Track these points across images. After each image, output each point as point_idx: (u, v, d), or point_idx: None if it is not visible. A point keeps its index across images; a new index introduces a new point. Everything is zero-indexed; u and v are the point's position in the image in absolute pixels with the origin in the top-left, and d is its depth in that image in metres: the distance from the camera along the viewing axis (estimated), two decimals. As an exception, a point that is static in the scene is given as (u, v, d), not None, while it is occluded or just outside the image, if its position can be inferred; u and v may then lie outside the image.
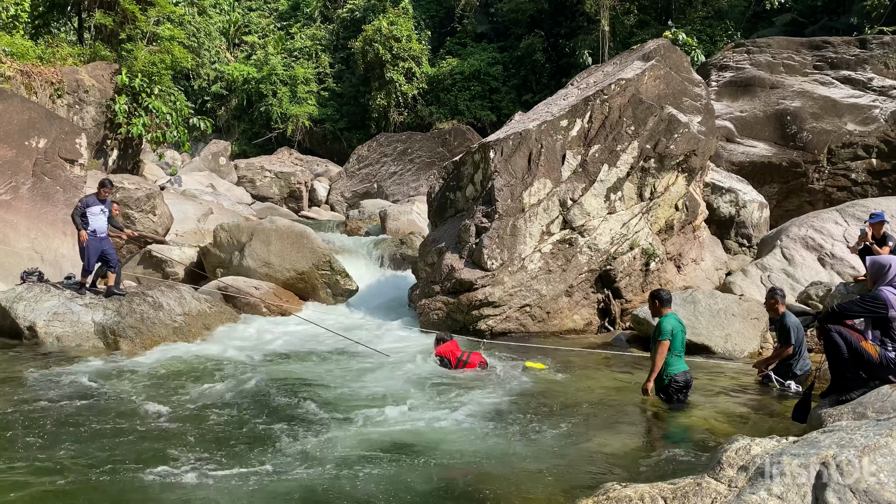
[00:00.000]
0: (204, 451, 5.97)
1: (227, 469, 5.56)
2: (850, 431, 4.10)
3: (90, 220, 11.17)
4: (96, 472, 5.48)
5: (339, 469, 5.60)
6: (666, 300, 7.67)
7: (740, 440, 4.31)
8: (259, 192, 28.81)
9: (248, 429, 6.67)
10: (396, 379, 8.76)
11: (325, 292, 14.15)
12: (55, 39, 24.12)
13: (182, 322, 11.24)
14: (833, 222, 13.58)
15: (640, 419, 7.32)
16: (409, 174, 27.97)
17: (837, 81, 18.01)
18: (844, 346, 5.97)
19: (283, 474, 5.49)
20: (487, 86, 36.03)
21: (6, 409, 7.15)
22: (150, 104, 22.44)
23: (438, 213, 13.80)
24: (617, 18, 31.90)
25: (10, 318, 10.68)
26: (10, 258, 13.28)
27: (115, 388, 8.12)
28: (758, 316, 10.76)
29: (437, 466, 5.73)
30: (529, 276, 11.81)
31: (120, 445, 6.12)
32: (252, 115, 38.90)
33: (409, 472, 5.59)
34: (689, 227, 13.55)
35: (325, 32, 41.45)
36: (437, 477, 5.52)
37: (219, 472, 5.50)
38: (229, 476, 5.43)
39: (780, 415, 7.20)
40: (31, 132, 14.37)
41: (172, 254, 15.07)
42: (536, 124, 12.44)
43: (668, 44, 14.54)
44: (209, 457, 5.84)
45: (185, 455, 5.85)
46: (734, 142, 17.87)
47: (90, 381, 8.34)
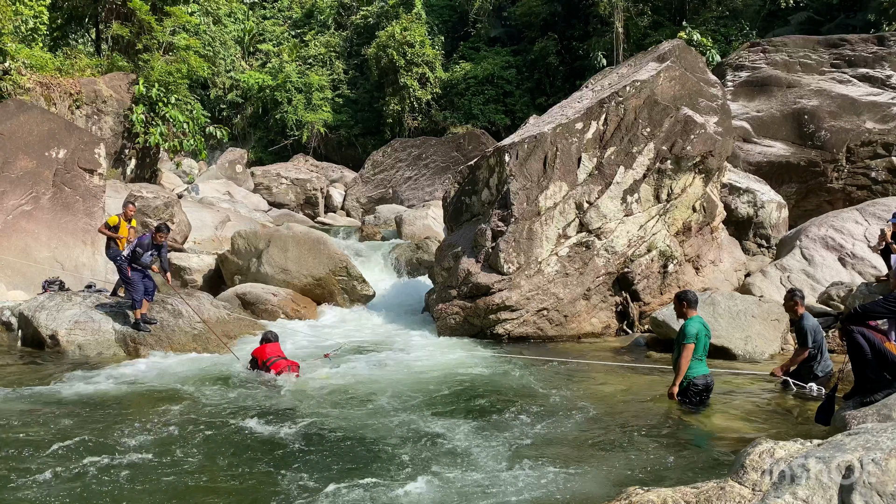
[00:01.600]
0: (215, 458, 6.01)
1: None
2: (876, 434, 4.05)
3: (140, 258, 10.81)
4: (114, 481, 5.53)
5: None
6: (693, 302, 7.59)
7: (763, 443, 4.26)
8: (275, 198, 28.98)
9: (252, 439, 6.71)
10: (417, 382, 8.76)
11: (342, 298, 14.21)
12: (73, 51, 24.44)
13: (201, 329, 11.32)
14: (853, 221, 13.43)
15: (661, 422, 7.27)
16: (424, 179, 28.00)
17: (855, 79, 17.83)
18: (868, 347, 5.90)
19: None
20: (501, 89, 36.01)
21: (28, 414, 7.23)
22: (167, 113, 22.67)
23: (454, 218, 13.81)
24: (631, 20, 31.77)
25: (32, 327, 10.80)
26: (32, 268, 13.46)
27: (134, 396, 8.19)
28: (778, 317, 10.65)
29: (457, 470, 5.73)
30: (546, 279, 11.78)
31: (140, 450, 6.17)
32: (267, 122, 39.14)
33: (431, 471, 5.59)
34: (707, 228, 13.46)
35: (338, 39, 41.64)
36: (460, 483, 5.52)
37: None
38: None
39: (803, 417, 7.12)
40: (51, 143, 14.55)
41: (191, 261, 15.18)
42: (551, 127, 12.42)
43: (683, 44, 14.47)
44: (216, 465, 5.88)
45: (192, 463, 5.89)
46: (751, 142, 17.74)
47: (112, 388, 8.42)
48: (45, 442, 6.39)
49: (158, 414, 7.38)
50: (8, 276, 13.29)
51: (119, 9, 24.29)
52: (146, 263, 10.80)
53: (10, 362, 10.10)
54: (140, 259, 10.74)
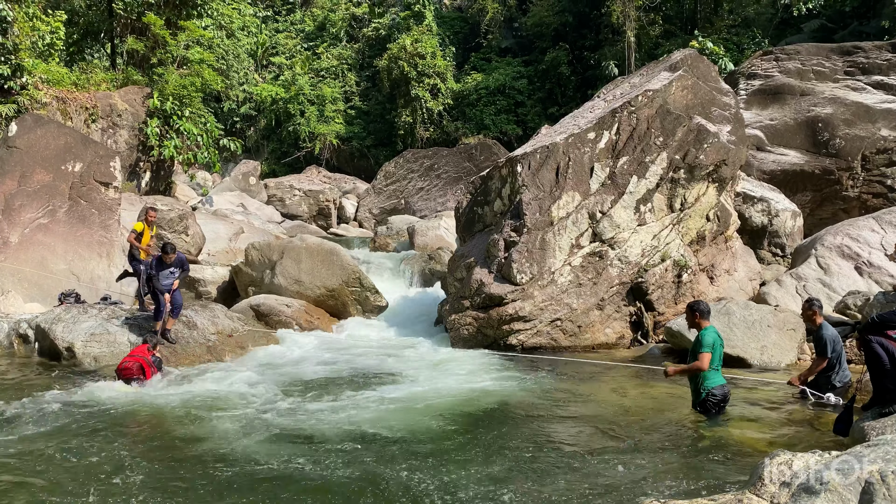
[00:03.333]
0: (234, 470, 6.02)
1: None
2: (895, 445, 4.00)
3: (157, 281, 10.93)
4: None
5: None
6: (706, 312, 7.57)
7: (781, 455, 4.22)
8: (289, 210, 29.13)
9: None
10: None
11: (355, 309, 14.22)
12: (89, 66, 24.74)
13: (215, 341, 11.37)
14: (869, 230, 13.30)
15: (677, 433, 7.21)
16: (436, 189, 28.06)
17: (870, 87, 17.71)
18: (886, 357, 5.84)
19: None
20: (513, 100, 36.09)
21: (48, 428, 7.28)
22: (182, 126, 22.86)
23: (466, 228, 13.81)
24: (642, 29, 31.77)
25: (49, 340, 10.89)
26: (48, 280, 13.58)
27: (148, 408, 8.22)
28: (794, 327, 10.56)
29: (465, 478, 5.70)
30: (560, 289, 11.75)
31: (155, 461, 6.19)
32: (280, 134, 39.42)
33: (433, 480, 5.57)
34: (721, 237, 13.38)
35: (350, 52, 41.93)
36: (469, 491, 5.50)
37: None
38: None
39: (820, 428, 7.05)
40: (68, 156, 14.71)
41: (205, 273, 15.26)
42: (563, 137, 12.41)
43: (695, 53, 14.45)
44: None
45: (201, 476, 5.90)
46: (765, 150, 17.64)
47: (127, 400, 8.46)
48: (54, 454, 6.43)
49: (171, 428, 7.40)
50: (25, 289, 13.42)
51: (134, 24, 24.58)
52: (165, 288, 10.85)
53: (27, 374, 10.17)
54: (159, 283, 10.84)
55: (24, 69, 18.69)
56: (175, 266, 11.05)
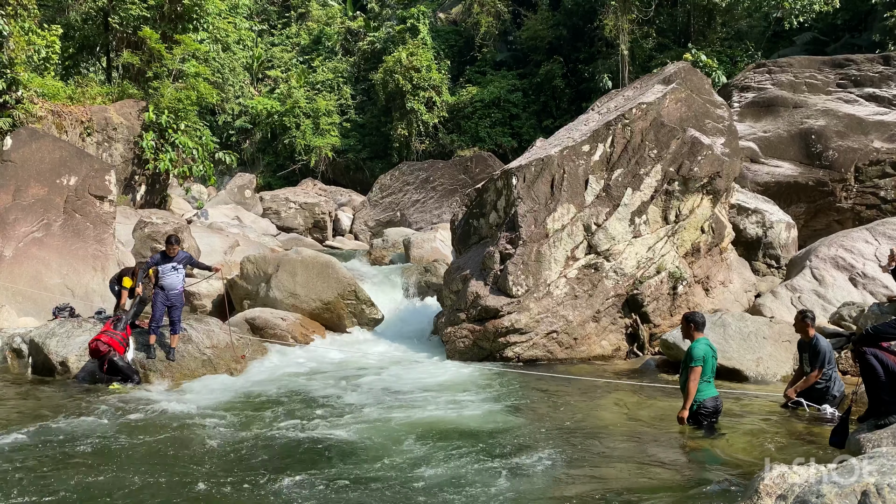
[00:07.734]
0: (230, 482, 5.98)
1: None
2: (891, 458, 4.00)
3: (161, 279, 10.77)
4: None
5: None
6: (700, 324, 7.57)
7: (777, 468, 4.22)
8: (284, 223, 29.08)
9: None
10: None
11: (350, 321, 14.18)
12: (85, 79, 24.74)
13: (211, 355, 11.32)
14: (863, 241, 13.36)
15: (672, 447, 7.20)
16: (432, 202, 28.06)
17: (862, 99, 17.82)
18: (881, 368, 5.85)
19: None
20: (508, 112, 36.19)
21: (39, 443, 7.24)
22: (177, 140, 22.87)
23: (462, 241, 13.82)
24: (636, 42, 31.94)
25: (42, 354, 10.83)
26: (42, 294, 13.52)
27: (144, 422, 8.18)
28: (790, 338, 10.57)
29: (460, 494, 5.68)
30: (555, 301, 11.75)
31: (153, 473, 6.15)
32: (276, 147, 39.42)
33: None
34: (716, 249, 13.42)
35: (346, 65, 42.04)
36: None
37: None
38: None
39: (815, 440, 7.04)
40: (63, 170, 14.69)
41: (200, 286, 15.22)
42: (558, 150, 12.46)
43: (689, 66, 14.54)
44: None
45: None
46: (759, 162, 17.72)
47: (120, 416, 8.41)
48: (49, 471, 6.39)
49: (169, 441, 7.36)
50: (19, 303, 13.36)
51: (129, 38, 24.62)
52: (170, 288, 10.70)
53: (21, 389, 10.11)
54: (164, 278, 10.68)
55: (19, 83, 18.68)
56: (179, 262, 10.85)
